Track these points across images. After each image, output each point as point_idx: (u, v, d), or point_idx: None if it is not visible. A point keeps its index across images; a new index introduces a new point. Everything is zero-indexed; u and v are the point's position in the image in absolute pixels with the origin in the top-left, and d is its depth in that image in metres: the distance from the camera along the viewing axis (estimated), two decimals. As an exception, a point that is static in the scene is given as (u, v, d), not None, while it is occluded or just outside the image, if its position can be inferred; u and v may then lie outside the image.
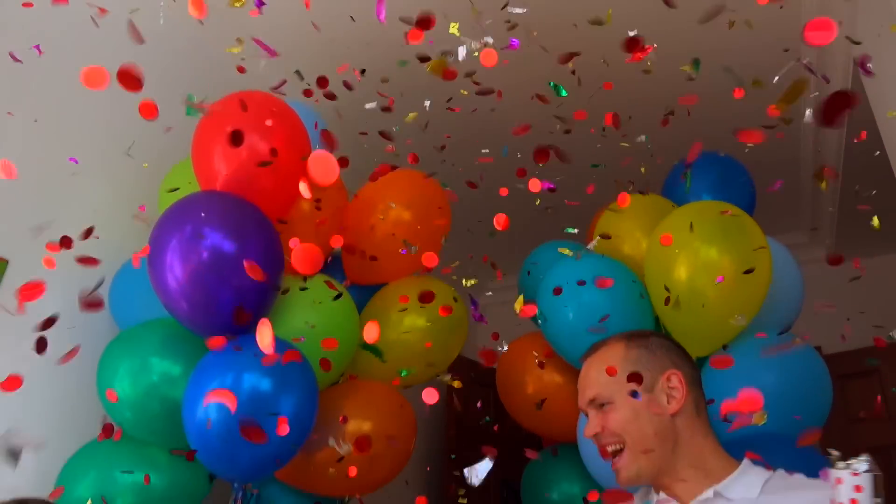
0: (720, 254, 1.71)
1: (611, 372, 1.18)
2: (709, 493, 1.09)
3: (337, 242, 1.85)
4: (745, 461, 1.15)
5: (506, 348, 2.22)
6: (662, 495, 1.17)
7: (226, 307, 1.65)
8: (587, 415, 1.22)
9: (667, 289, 1.75)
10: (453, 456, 3.48)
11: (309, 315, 1.83)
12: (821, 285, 3.71)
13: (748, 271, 1.64)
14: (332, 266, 2.15)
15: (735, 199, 2.01)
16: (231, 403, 1.34)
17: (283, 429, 1.48)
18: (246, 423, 1.43)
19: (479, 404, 3.75)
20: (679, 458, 1.13)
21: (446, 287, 2.23)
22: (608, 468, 1.81)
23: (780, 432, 1.61)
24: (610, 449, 1.16)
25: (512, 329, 2.46)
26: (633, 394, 1.14)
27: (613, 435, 1.15)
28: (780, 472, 1.12)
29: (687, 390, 1.17)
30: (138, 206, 2.14)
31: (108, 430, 1.66)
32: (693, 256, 1.74)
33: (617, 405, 1.16)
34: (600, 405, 1.18)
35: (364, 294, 2.14)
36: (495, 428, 2.91)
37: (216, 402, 1.48)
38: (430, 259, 1.66)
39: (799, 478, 1.08)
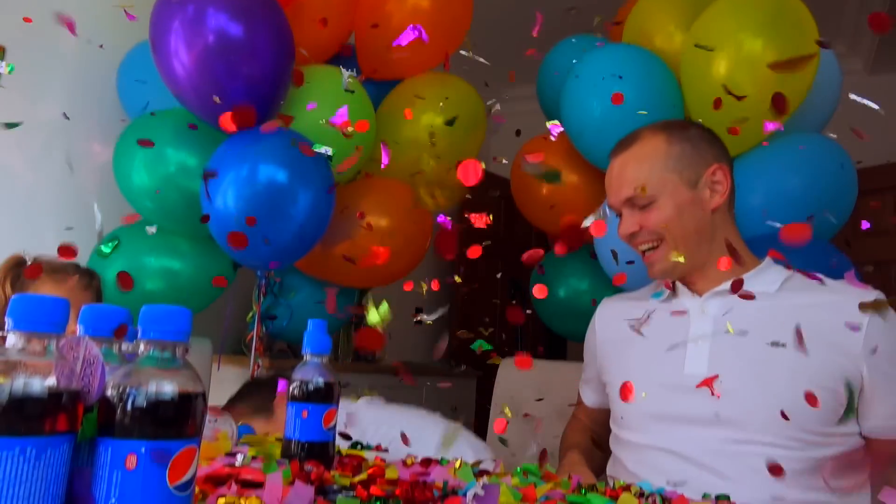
0: (765, 47, 1.58)
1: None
2: (725, 284, 1.09)
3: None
4: (768, 259, 1.14)
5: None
6: (678, 286, 1.17)
7: (235, 98, 1.57)
8: (619, 214, 1.16)
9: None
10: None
11: (323, 109, 1.74)
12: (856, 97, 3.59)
13: None
14: (347, 60, 2.01)
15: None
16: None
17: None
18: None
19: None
20: (712, 253, 1.12)
21: (465, 85, 2.11)
22: (621, 267, 1.89)
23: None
24: (644, 247, 1.13)
25: (529, 136, 2.39)
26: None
27: (652, 234, 1.10)
28: (799, 274, 1.11)
29: (731, 185, 1.13)
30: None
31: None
32: (735, 49, 1.61)
33: (659, 204, 1.09)
34: (640, 206, 1.12)
35: (380, 90, 2.03)
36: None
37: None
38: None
39: (818, 280, 1.07)
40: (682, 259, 1.08)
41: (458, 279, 2.51)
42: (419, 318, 1.23)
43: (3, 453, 0.38)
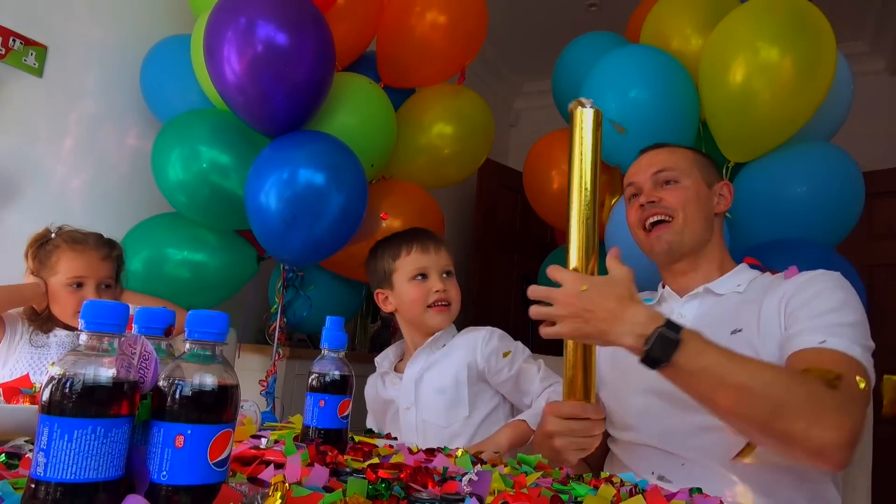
0: (782, 55, 1.62)
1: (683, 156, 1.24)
2: (699, 288, 1.20)
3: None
4: (742, 265, 1.24)
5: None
6: (666, 291, 1.25)
7: (278, 102, 1.65)
8: (641, 191, 1.24)
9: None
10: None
11: (350, 116, 1.83)
12: (877, 98, 3.58)
13: None
14: (366, 68, 2.09)
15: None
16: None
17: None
18: None
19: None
20: (706, 251, 1.22)
21: (476, 97, 2.19)
22: (631, 263, 1.94)
23: (808, 238, 1.66)
24: (654, 219, 1.21)
25: (544, 133, 2.45)
26: None
27: (667, 208, 1.19)
28: (769, 275, 1.19)
29: (730, 203, 1.26)
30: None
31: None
32: (753, 56, 1.65)
33: (683, 185, 1.21)
34: (664, 182, 1.22)
35: (396, 96, 2.11)
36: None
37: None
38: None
39: (778, 276, 1.16)
40: (686, 237, 1.18)
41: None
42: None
43: (78, 431, 0.46)
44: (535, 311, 0.97)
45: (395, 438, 1.05)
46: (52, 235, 1.53)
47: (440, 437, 1.29)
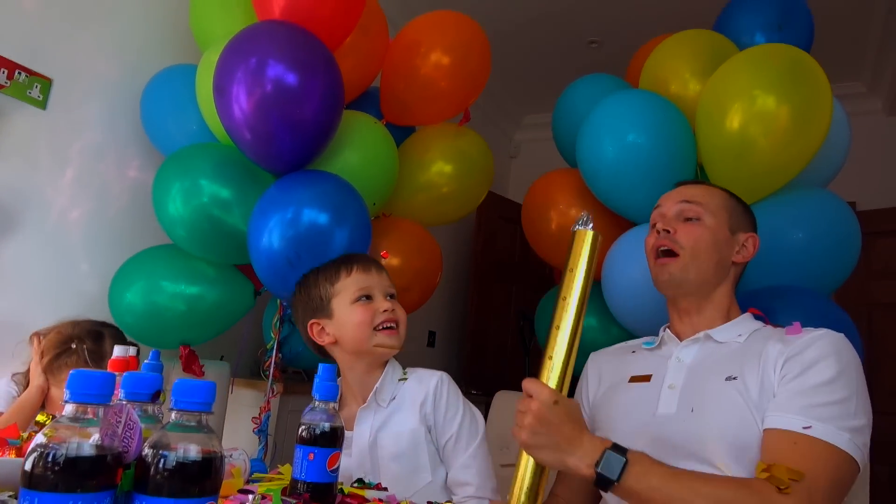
0: (779, 103, 1.64)
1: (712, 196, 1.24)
2: (700, 334, 1.19)
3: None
4: (746, 314, 1.24)
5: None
6: (666, 335, 1.25)
7: (285, 143, 1.66)
8: (664, 217, 1.24)
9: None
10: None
11: (354, 154, 1.85)
12: (874, 138, 3.61)
13: None
14: (368, 104, 2.11)
15: (793, 38, 1.88)
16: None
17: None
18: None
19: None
20: (715, 295, 1.22)
21: (475, 136, 2.21)
22: (626, 306, 1.94)
23: (805, 286, 1.66)
24: (664, 248, 1.21)
25: (544, 166, 2.46)
26: None
27: (677, 242, 1.19)
28: (771, 328, 1.19)
29: (753, 256, 1.25)
30: (169, 18, 2.10)
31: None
32: (749, 103, 1.67)
33: (703, 224, 1.20)
34: (687, 217, 1.21)
35: (398, 134, 2.13)
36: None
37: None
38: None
39: (780, 330, 1.15)
40: (691, 275, 1.18)
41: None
42: None
43: (58, 507, 0.46)
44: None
45: (386, 489, 1.04)
46: (73, 345, 1.51)
47: None
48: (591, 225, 1.00)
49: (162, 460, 0.50)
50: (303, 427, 0.88)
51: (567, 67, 2.95)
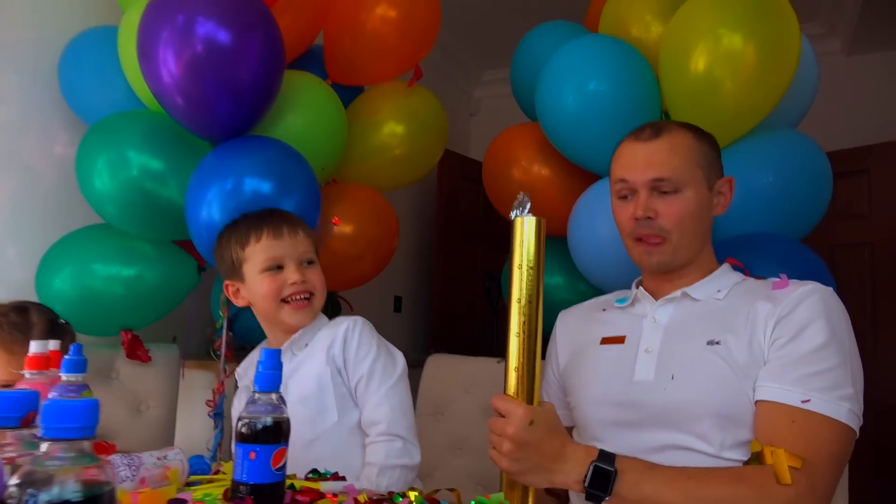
0: (745, 41, 1.55)
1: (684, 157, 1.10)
2: (676, 293, 1.12)
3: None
4: (724, 266, 1.16)
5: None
6: (640, 292, 1.18)
7: (221, 107, 1.51)
8: (634, 192, 1.11)
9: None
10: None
11: (298, 117, 1.71)
12: (834, 79, 3.58)
13: None
14: (312, 63, 1.96)
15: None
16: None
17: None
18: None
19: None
20: (698, 258, 1.14)
21: (428, 94, 2.08)
22: (594, 262, 1.87)
23: (778, 232, 1.61)
24: (648, 233, 1.11)
25: (506, 122, 2.35)
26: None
27: (662, 229, 1.09)
28: (751, 279, 1.13)
29: (730, 201, 1.16)
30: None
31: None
32: (714, 43, 1.58)
33: (685, 195, 1.09)
34: (663, 191, 1.09)
35: (345, 94, 1.98)
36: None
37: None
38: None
39: (764, 283, 1.09)
40: (681, 256, 1.11)
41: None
42: None
43: None
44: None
45: (344, 478, 0.95)
46: None
47: (308, 456, 1.13)
48: (529, 207, 0.87)
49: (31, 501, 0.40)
50: (242, 422, 0.78)
51: (526, 20, 2.81)
